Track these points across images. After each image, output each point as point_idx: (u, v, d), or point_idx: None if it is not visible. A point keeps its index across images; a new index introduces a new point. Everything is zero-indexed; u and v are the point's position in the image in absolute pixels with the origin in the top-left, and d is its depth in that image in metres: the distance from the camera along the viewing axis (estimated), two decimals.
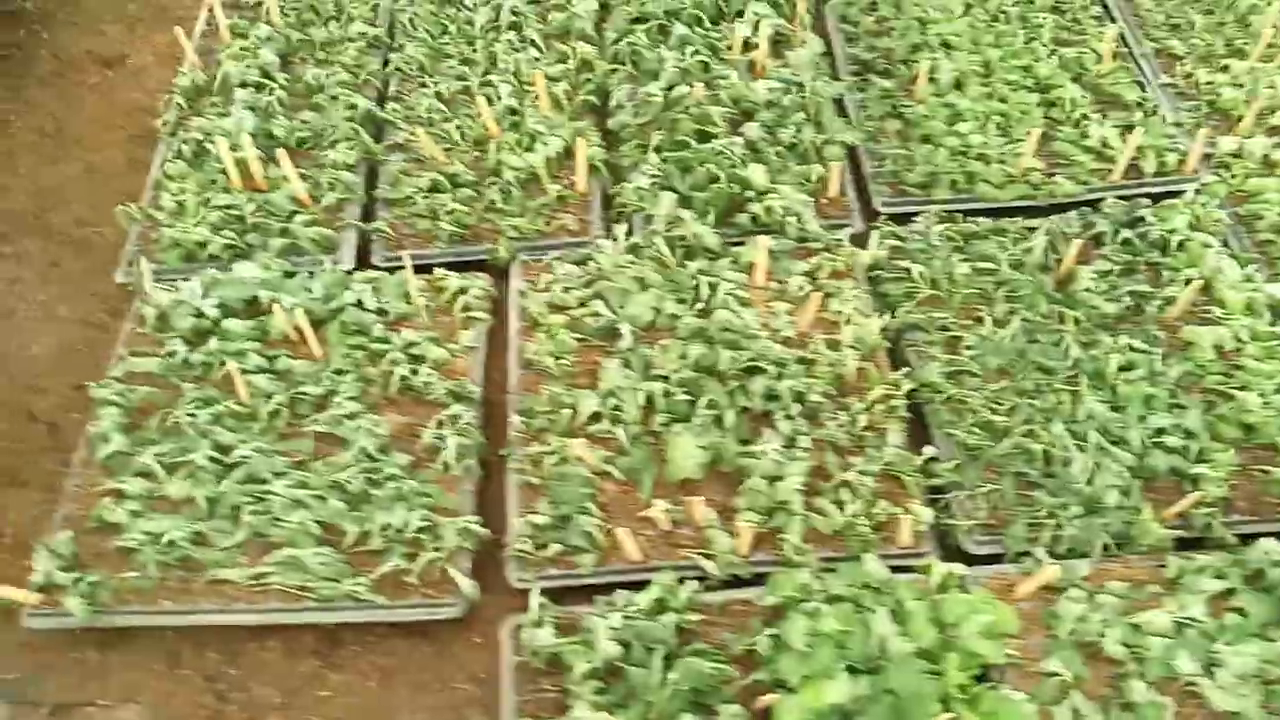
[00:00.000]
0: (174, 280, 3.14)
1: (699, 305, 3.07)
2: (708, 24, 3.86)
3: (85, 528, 2.65)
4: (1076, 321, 3.04)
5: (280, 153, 3.21)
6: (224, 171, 3.31)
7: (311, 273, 3.14)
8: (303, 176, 3.31)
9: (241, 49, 3.70)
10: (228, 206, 3.26)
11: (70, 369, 3.12)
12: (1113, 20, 4.03)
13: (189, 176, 3.37)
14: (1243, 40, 3.91)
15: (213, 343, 2.96)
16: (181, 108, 3.58)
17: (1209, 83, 3.75)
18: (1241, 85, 3.72)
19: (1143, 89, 3.75)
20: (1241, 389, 2.89)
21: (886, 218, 3.38)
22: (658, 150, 3.46)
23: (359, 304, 3.07)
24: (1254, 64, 3.78)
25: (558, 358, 2.97)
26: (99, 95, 3.85)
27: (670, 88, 3.60)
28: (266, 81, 3.60)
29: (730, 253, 3.22)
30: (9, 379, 3.11)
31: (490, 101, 3.52)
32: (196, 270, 3.15)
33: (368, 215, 3.39)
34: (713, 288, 3.09)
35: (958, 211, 3.36)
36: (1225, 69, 3.81)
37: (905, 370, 2.93)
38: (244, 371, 2.85)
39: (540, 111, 3.54)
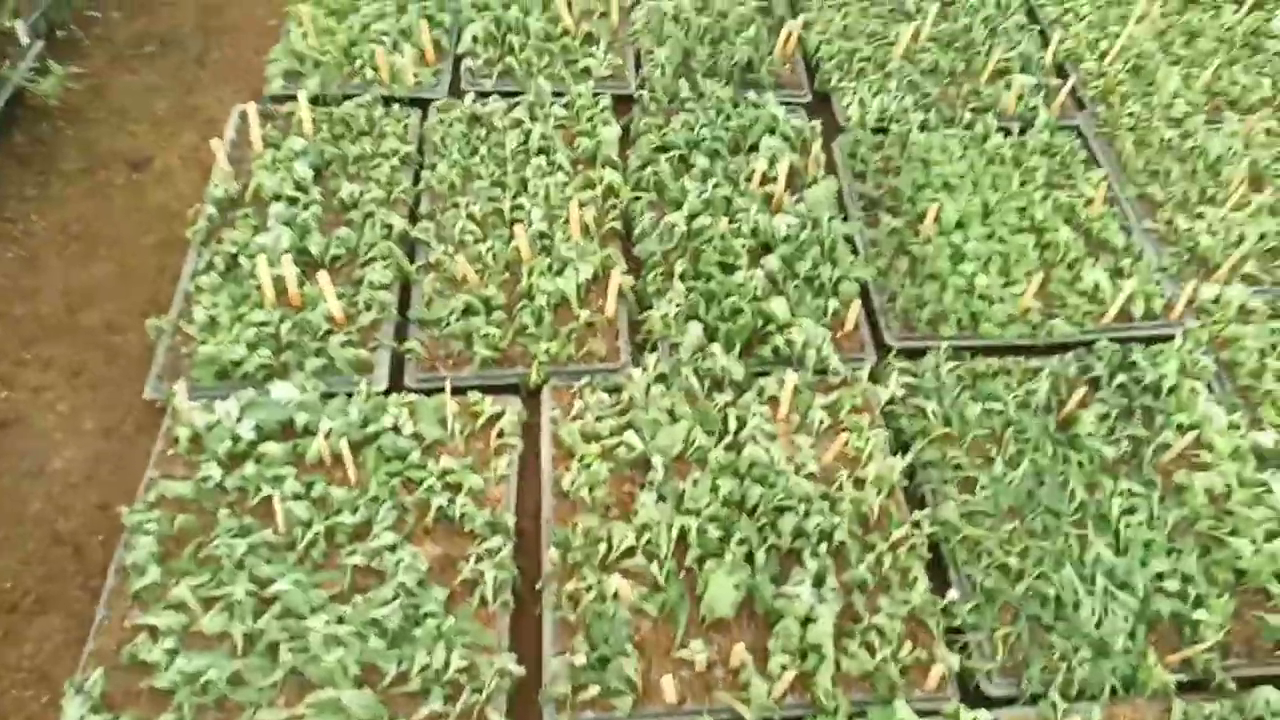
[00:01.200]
0: (206, 398, 3.15)
1: (727, 438, 3.19)
2: (726, 155, 4.04)
3: (116, 664, 2.62)
4: (1080, 465, 3.22)
5: (321, 275, 3.26)
6: (258, 287, 3.35)
7: (350, 393, 3.18)
8: (337, 295, 3.36)
9: (275, 160, 3.77)
10: (262, 323, 3.30)
11: (96, 487, 3.09)
12: (1097, 165, 4.32)
13: (221, 290, 3.40)
14: (1214, 189, 4.23)
15: (249, 467, 2.97)
16: (213, 218, 3.62)
17: (1188, 229, 4.04)
18: (1216, 233, 4.02)
19: (1128, 234, 4.02)
20: (1232, 534, 3.09)
21: (897, 352, 3.55)
22: (682, 278, 3.60)
23: (396, 428, 3.11)
24: (1226, 212, 4.09)
25: (592, 489, 3.04)
26: (126, 197, 3.86)
27: (693, 217, 3.77)
28: (301, 195, 3.66)
29: (755, 385, 3.35)
30: (33, 496, 3.07)
31: (524, 225, 3.63)
32: (229, 389, 3.17)
33: (400, 334, 3.45)
34: (741, 422, 3.21)
35: (964, 349, 3.55)
36: (1201, 216, 4.11)
37: (925, 512, 3.06)
38: (281, 499, 2.87)
39: (571, 237, 3.66)
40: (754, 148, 4.12)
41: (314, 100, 4.04)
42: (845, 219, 3.93)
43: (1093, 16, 4.94)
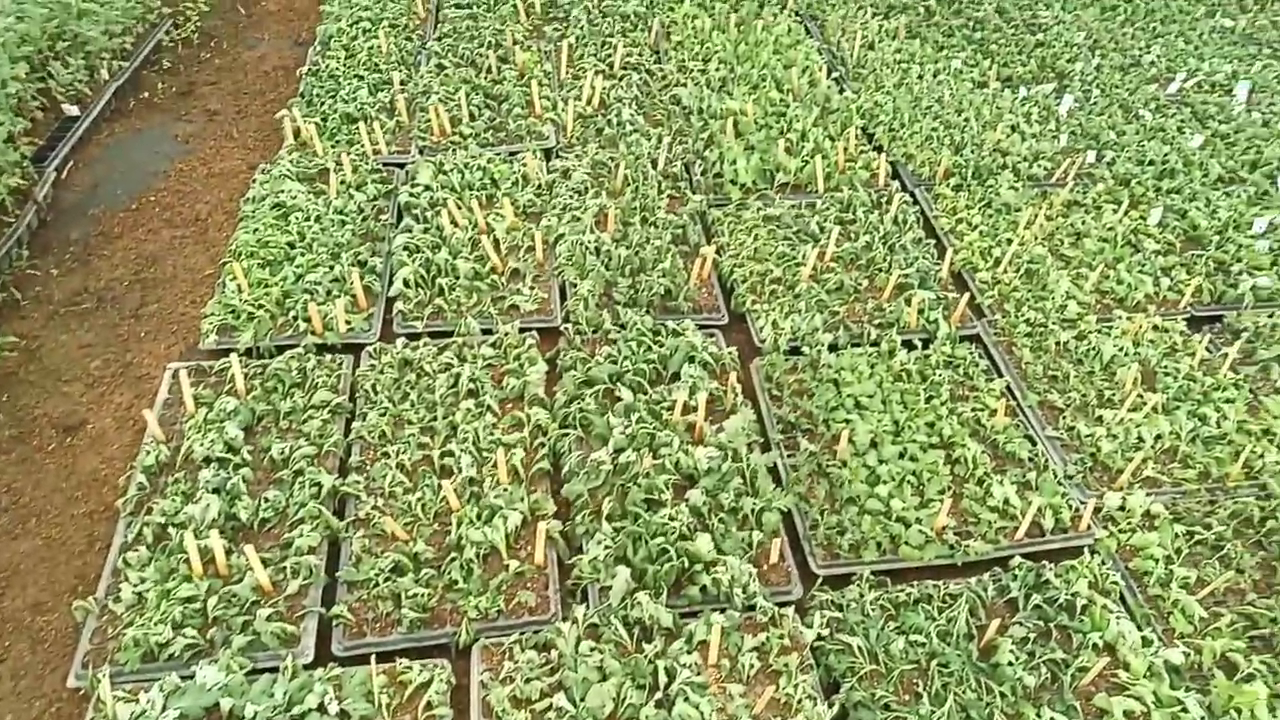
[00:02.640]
0: (132, 684, 3.11)
1: (658, 694, 3.21)
2: (648, 386, 4.23)
3: None
4: (1002, 695, 3.29)
5: (249, 550, 3.30)
6: (186, 560, 3.37)
7: (275, 669, 3.17)
8: (264, 562, 3.39)
9: (206, 421, 3.85)
10: (189, 599, 3.30)
11: None
12: (999, 373, 4.59)
13: (149, 564, 3.41)
14: (1110, 389, 4.50)
15: None
16: (143, 486, 3.67)
17: (1089, 434, 4.27)
18: (1116, 437, 4.26)
19: (1033, 443, 4.24)
20: None
21: (823, 581, 3.65)
22: (609, 518, 3.70)
23: (322, 707, 3.09)
24: (1124, 414, 4.35)
25: None
26: (58, 463, 3.90)
27: (619, 452, 3.90)
28: (231, 457, 3.74)
29: (684, 631, 3.40)
30: None
31: (450, 473, 3.73)
32: (156, 671, 3.14)
33: (329, 596, 3.47)
34: (670, 674, 3.25)
35: (885, 573, 3.67)
36: (1100, 420, 4.36)
37: None
38: None
39: (499, 482, 3.76)
40: (676, 376, 4.32)
41: (248, 352, 4.18)
42: (765, 444, 4.10)
43: (984, 225, 5.36)
